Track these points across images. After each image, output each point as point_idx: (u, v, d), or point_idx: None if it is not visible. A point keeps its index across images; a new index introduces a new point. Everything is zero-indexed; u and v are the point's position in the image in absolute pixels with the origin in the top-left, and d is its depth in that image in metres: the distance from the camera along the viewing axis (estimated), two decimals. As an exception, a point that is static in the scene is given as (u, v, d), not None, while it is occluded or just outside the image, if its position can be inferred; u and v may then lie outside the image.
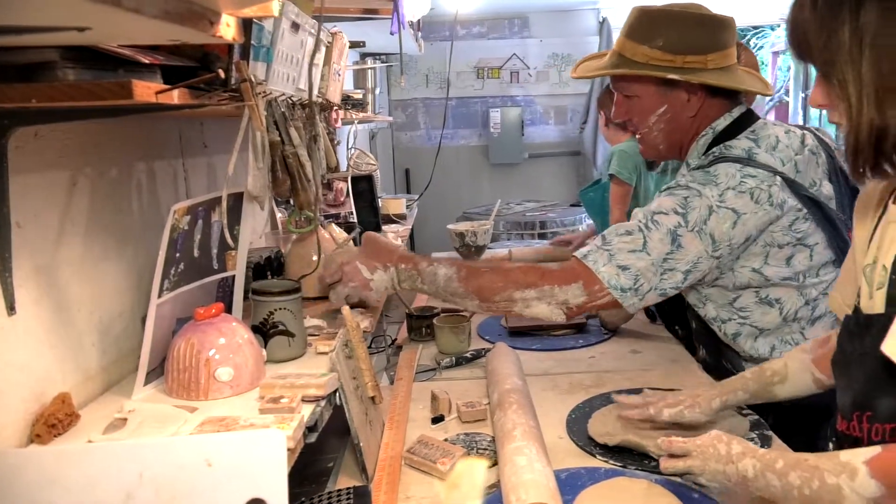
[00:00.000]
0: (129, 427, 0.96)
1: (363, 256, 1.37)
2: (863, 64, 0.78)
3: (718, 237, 1.23)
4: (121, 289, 1.20)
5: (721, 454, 0.91)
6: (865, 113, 0.78)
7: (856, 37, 0.78)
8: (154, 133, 1.35)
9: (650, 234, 1.24)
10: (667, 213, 1.25)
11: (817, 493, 0.81)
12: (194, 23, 0.64)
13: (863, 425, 0.87)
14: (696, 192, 1.25)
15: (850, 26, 0.78)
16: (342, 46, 1.79)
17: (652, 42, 1.33)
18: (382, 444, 1.21)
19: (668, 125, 1.38)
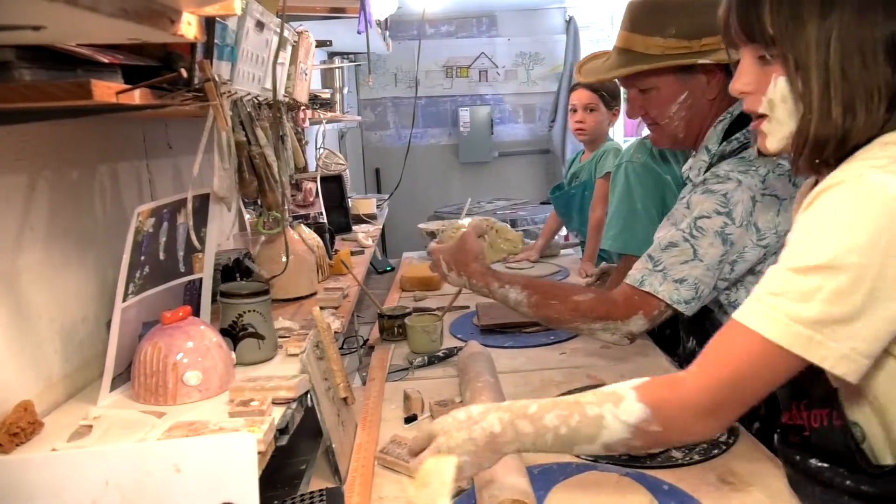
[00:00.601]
0: (95, 434, 0.94)
1: (449, 253, 1.41)
2: (830, 60, 0.78)
3: (763, 226, 1.21)
4: (84, 294, 1.17)
5: (461, 419, 0.86)
6: (833, 109, 0.78)
7: (823, 33, 0.78)
8: (116, 134, 1.32)
9: (698, 242, 1.21)
10: (710, 217, 1.21)
11: (575, 429, 0.81)
12: (154, 21, 0.63)
13: (802, 413, 0.88)
14: (736, 183, 1.22)
15: (818, 23, 0.78)
16: (308, 45, 1.77)
17: (664, 32, 1.30)
18: (355, 445, 1.20)
19: (689, 111, 1.35)
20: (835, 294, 0.71)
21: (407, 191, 4.37)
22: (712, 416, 0.80)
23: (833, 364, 0.72)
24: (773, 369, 0.76)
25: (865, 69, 0.77)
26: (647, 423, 0.79)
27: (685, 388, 0.81)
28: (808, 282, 0.73)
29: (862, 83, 0.77)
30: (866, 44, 0.76)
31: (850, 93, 0.78)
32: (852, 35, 0.77)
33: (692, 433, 0.82)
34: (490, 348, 1.57)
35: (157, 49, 0.92)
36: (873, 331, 0.72)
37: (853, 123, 0.78)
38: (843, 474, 0.82)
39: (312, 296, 1.76)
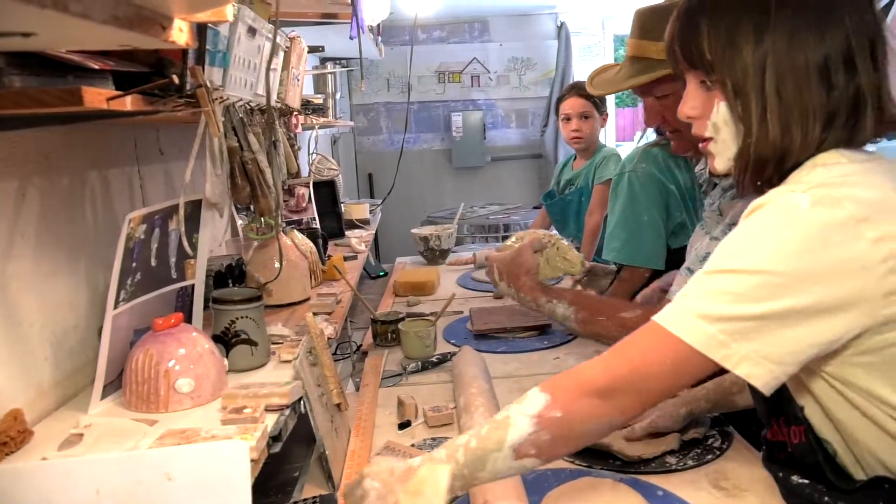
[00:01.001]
0: (86, 442, 0.93)
1: (503, 263, 1.43)
2: (766, 84, 0.80)
3: None
4: (75, 301, 1.16)
5: (395, 468, 0.84)
6: (771, 131, 0.80)
7: (758, 58, 0.80)
8: (107, 140, 1.32)
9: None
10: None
11: (485, 437, 0.80)
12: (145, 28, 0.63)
13: (783, 429, 0.88)
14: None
15: (753, 48, 0.81)
16: (300, 51, 1.77)
17: None
18: (349, 452, 1.20)
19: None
20: (740, 295, 0.73)
21: (400, 196, 4.36)
22: (608, 398, 0.79)
23: (735, 364, 0.73)
24: (675, 363, 0.77)
25: (799, 91, 0.79)
26: (547, 409, 0.79)
27: (584, 371, 0.83)
28: (716, 282, 0.75)
29: (797, 105, 0.79)
30: (799, 67, 0.79)
31: (786, 115, 0.80)
32: (785, 59, 0.79)
33: (590, 415, 0.80)
34: (484, 353, 1.57)
35: (149, 55, 0.92)
36: (780, 337, 0.73)
37: (790, 144, 0.80)
38: (821, 490, 0.83)
39: (306, 301, 1.76)
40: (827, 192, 0.73)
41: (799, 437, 0.85)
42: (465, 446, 0.81)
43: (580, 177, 2.61)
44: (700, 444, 1.13)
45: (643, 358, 0.79)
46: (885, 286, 0.71)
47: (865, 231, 0.71)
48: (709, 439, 1.14)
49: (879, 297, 0.71)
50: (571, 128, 2.53)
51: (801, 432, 0.85)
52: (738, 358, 0.73)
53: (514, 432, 0.79)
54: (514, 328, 1.78)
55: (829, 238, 0.71)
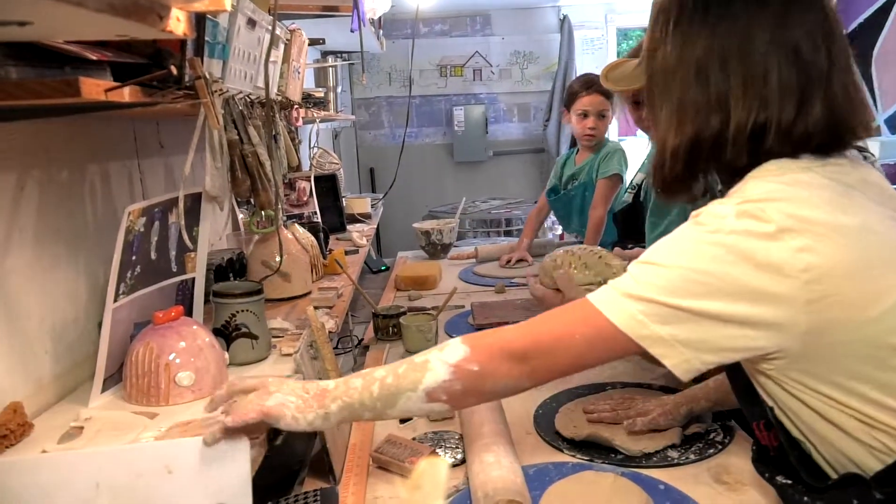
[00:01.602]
0: (86, 435, 0.93)
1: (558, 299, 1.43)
2: (669, 91, 0.85)
3: None
4: (74, 294, 1.16)
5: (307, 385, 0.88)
6: (660, 134, 0.86)
7: (664, 67, 0.85)
8: (107, 133, 1.31)
9: None
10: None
11: (402, 375, 0.84)
12: (142, 17, 0.62)
13: (763, 433, 0.89)
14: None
15: (661, 56, 0.86)
16: (301, 44, 1.76)
17: None
18: (350, 445, 1.19)
19: None
20: (663, 287, 0.76)
21: (401, 190, 4.36)
22: (523, 362, 0.82)
23: (650, 344, 0.77)
24: (594, 339, 0.80)
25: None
26: (465, 361, 0.82)
27: (506, 332, 0.85)
28: (645, 271, 0.79)
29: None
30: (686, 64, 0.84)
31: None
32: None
33: (503, 375, 0.83)
34: (485, 347, 1.57)
35: (147, 46, 0.91)
36: (697, 330, 0.75)
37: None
38: (801, 490, 0.83)
39: (307, 295, 1.75)
40: (753, 206, 0.75)
41: (778, 440, 0.85)
42: (382, 381, 0.84)
43: (583, 171, 2.59)
44: (702, 438, 1.12)
45: (566, 329, 0.82)
46: (806, 294, 0.72)
47: (788, 240, 0.72)
48: (710, 434, 1.14)
49: (801, 305, 0.72)
50: (588, 125, 2.50)
51: (775, 435, 0.85)
52: (654, 339, 0.77)
53: (430, 377, 0.82)
54: (516, 322, 1.77)
55: (751, 246, 0.73)
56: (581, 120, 2.52)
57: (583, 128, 2.52)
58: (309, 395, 0.86)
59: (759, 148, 0.81)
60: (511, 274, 2.38)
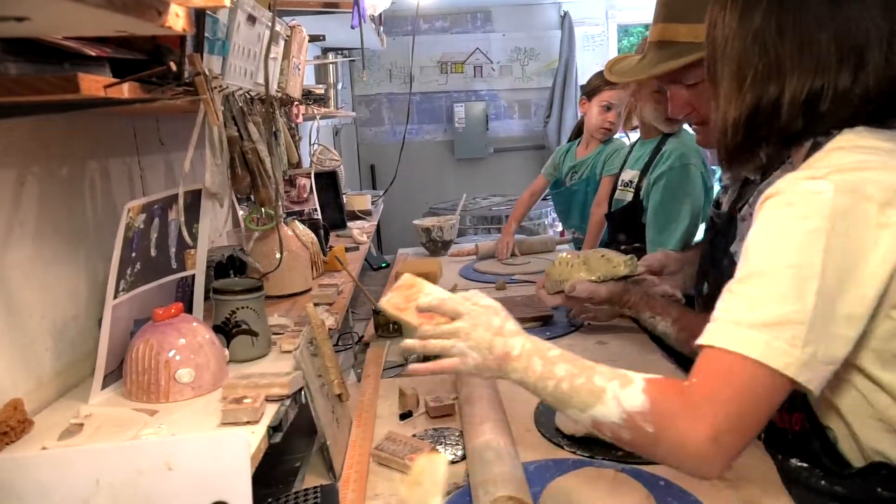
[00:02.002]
0: (86, 432, 0.93)
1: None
2: (725, 64, 0.86)
3: None
4: (75, 291, 1.16)
5: (493, 325, 0.88)
6: (720, 108, 0.86)
7: (723, 42, 0.86)
8: (107, 130, 1.31)
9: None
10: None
11: (575, 389, 0.80)
12: (141, 13, 0.62)
13: (784, 416, 0.89)
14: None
15: (721, 31, 0.87)
16: (301, 40, 1.76)
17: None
18: (350, 442, 1.19)
19: None
20: (781, 297, 0.70)
21: (402, 187, 4.35)
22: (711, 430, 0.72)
23: (796, 372, 0.70)
24: (757, 386, 0.71)
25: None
26: (642, 416, 0.75)
27: (692, 412, 0.74)
28: (751, 289, 0.73)
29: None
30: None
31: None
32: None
33: (685, 443, 0.73)
34: (485, 344, 1.57)
35: (146, 42, 0.91)
36: (831, 334, 0.71)
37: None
38: (818, 475, 0.83)
39: (307, 292, 1.75)
40: (846, 178, 0.72)
41: (801, 423, 0.85)
42: (558, 383, 0.82)
43: (586, 166, 2.58)
44: (703, 434, 1.12)
45: (735, 391, 0.71)
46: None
47: (892, 215, 0.70)
48: (711, 430, 1.13)
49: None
50: (609, 118, 2.48)
51: (804, 419, 0.85)
52: (799, 366, 0.70)
53: (600, 410, 0.78)
54: (517, 319, 1.76)
55: (855, 224, 0.70)
56: (603, 112, 2.50)
57: (603, 119, 2.50)
58: (491, 356, 0.86)
59: (815, 114, 0.80)
60: (512, 271, 2.38)
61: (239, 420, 0.94)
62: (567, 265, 1.35)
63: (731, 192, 1.39)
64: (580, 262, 1.36)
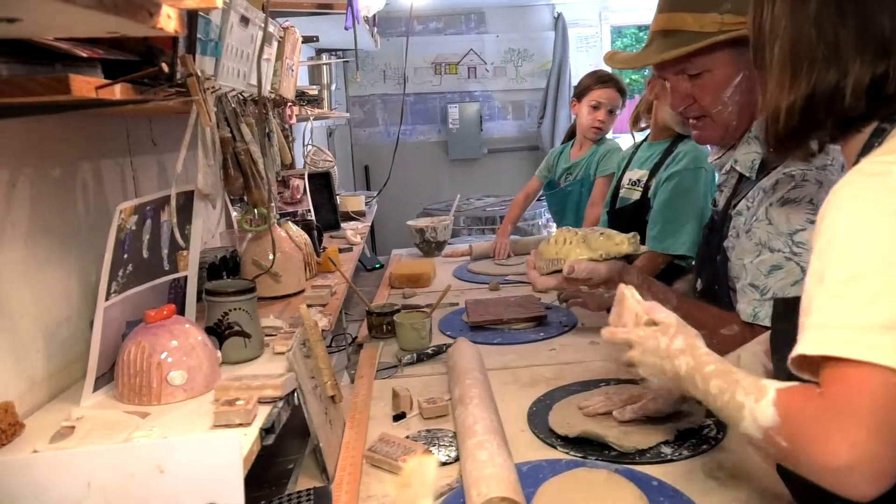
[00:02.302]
0: (78, 435, 0.93)
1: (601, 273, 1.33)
2: (775, 50, 0.84)
3: None
4: (67, 292, 1.15)
5: (661, 348, 0.90)
6: (770, 94, 0.84)
7: (771, 27, 0.84)
8: (99, 131, 1.31)
9: (802, 258, 1.14)
10: (805, 228, 1.15)
11: (725, 406, 0.80)
12: (132, 14, 0.62)
13: None
14: (817, 184, 1.16)
15: (769, 17, 0.84)
16: (295, 41, 1.76)
17: (720, 7, 1.22)
18: (343, 444, 1.19)
19: (743, 96, 1.26)
20: (894, 295, 0.67)
21: (396, 188, 4.35)
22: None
23: None
24: (893, 392, 0.66)
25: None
26: (776, 431, 0.72)
27: (825, 434, 0.69)
28: (857, 291, 0.68)
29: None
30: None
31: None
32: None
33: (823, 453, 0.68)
34: (479, 345, 1.57)
35: (138, 43, 0.91)
36: None
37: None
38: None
39: (300, 293, 1.75)
40: None
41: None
42: (714, 401, 0.82)
43: (579, 167, 2.59)
44: (695, 434, 1.13)
45: (870, 403, 0.66)
46: None
47: None
48: (704, 429, 1.14)
49: None
50: (598, 117, 2.50)
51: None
52: None
53: (745, 428, 0.76)
54: (510, 319, 1.78)
55: None
56: (592, 111, 2.51)
57: (592, 119, 2.51)
58: (665, 378, 0.90)
59: (880, 97, 0.79)
60: (505, 271, 2.38)
61: (231, 422, 0.94)
62: (564, 243, 1.25)
63: (726, 190, 1.39)
64: (579, 238, 1.26)
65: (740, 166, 1.31)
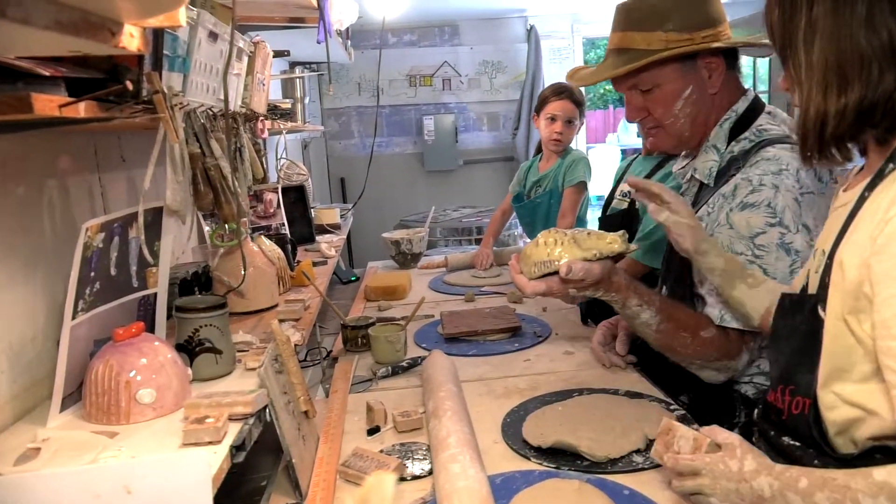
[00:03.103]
0: (43, 457, 0.91)
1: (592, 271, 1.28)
2: (814, 52, 0.82)
3: (811, 225, 1.19)
4: (32, 312, 1.14)
5: (732, 471, 0.85)
6: (813, 98, 0.82)
7: (810, 28, 0.82)
8: (66, 147, 1.29)
9: (765, 260, 1.19)
10: (765, 231, 1.19)
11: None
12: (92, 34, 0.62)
13: (785, 398, 0.89)
14: (773, 189, 1.20)
15: (805, 17, 0.82)
16: (266, 55, 1.76)
17: (664, 26, 1.30)
18: (317, 459, 1.19)
19: (695, 107, 1.34)
20: None
21: (373, 200, 4.35)
22: None
23: None
24: None
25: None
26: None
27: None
28: None
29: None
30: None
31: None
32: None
33: None
34: (454, 356, 1.57)
35: (103, 61, 0.90)
36: None
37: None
38: (811, 454, 0.85)
39: (273, 308, 1.74)
40: None
41: (801, 407, 0.86)
42: (814, 501, 0.77)
43: (548, 179, 2.61)
44: (666, 442, 1.14)
45: None
46: None
47: None
48: (675, 438, 1.15)
49: None
50: (555, 129, 2.53)
51: (806, 405, 0.85)
52: None
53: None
54: (486, 331, 1.78)
55: None
56: (549, 124, 2.55)
57: (550, 132, 2.55)
58: (744, 503, 0.83)
59: None
60: (481, 283, 2.39)
61: (200, 440, 0.93)
62: (555, 244, 1.21)
63: (687, 198, 1.43)
64: (569, 239, 1.22)
65: (699, 174, 1.36)
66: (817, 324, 0.86)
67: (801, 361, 0.87)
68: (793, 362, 0.87)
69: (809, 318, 0.87)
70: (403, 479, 1.09)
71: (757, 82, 4.84)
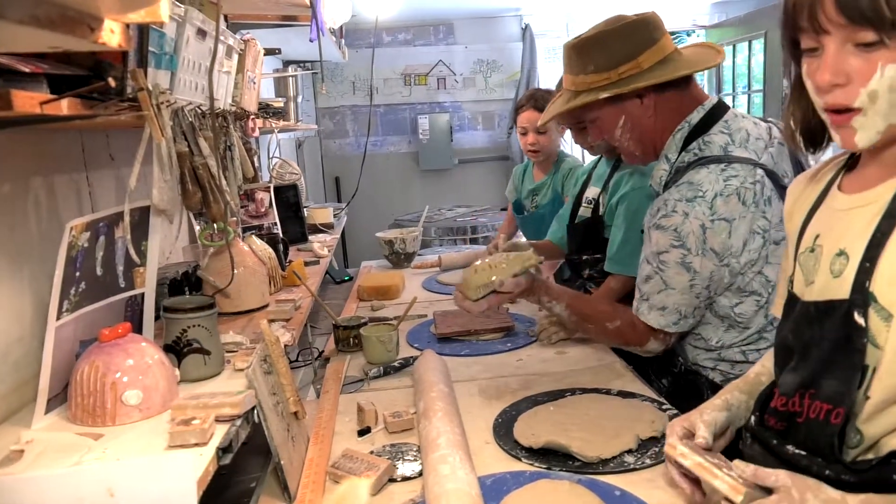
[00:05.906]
0: (27, 459, 0.90)
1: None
2: None
3: (721, 249, 1.29)
4: (19, 312, 1.12)
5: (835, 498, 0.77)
6: None
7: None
8: (52, 145, 1.28)
9: (665, 274, 1.34)
10: (668, 251, 1.32)
11: None
12: (70, 29, 0.60)
13: (804, 401, 0.86)
14: (683, 216, 1.30)
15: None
16: (256, 53, 1.74)
17: (585, 69, 1.41)
18: (307, 461, 1.17)
19: (634, 132, 1.45)
20: None
21: (368, 199, 4.34)
22: None
23: None
24: None
25: None
26: None
27: None
28: None
29: None
30: None
31: None
32: None
33: None
34: (446, 356, 1.56)
35: (86, 58, 0.89)
36: None
37: None
38: (820, 463, 0.82)
39: (263, 308, 1.73)
40: None
41: (818, 413, 0.83)
42: None
43: (546, 188, 2.58)
44: (658, 442, 1.13)
45: None
46: None
47: None
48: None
49: None
50: (528, 141, 2.51)
51: (825, 411, 0.82)
52: None
53: None
54: (478, 331, 1.77)
55: None
56: (522, 136, 2.53)
57: (524, 144, 2.53)
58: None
59: None
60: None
61: (187, 442, 0.92)
62: (488, 268, 1.42)
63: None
64: (499, 262, 1.44)
65: (653, 182, 1.46)
66: (851, 329, 0.81)
67: (829, 369, 0.83)
68: (819, 370, 0.83)
69: (842, 324, 0.83)
70: (393, 481, 1.08)
71: (752, 82, 4.83)
